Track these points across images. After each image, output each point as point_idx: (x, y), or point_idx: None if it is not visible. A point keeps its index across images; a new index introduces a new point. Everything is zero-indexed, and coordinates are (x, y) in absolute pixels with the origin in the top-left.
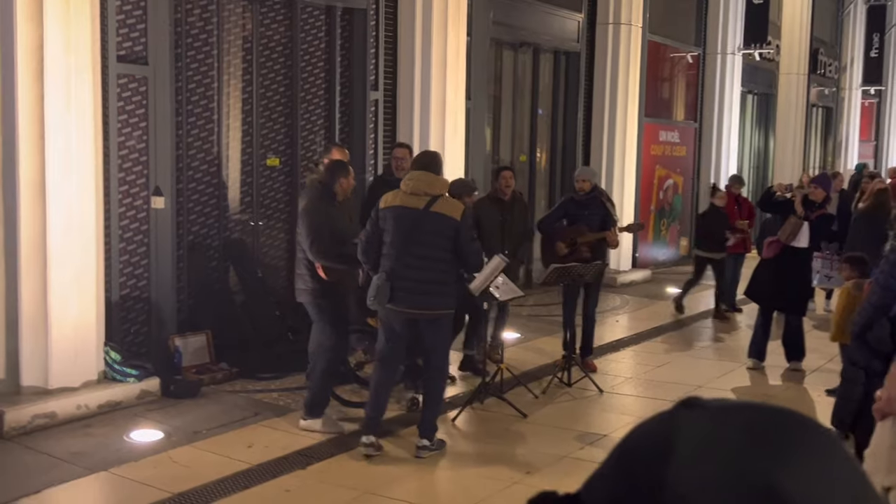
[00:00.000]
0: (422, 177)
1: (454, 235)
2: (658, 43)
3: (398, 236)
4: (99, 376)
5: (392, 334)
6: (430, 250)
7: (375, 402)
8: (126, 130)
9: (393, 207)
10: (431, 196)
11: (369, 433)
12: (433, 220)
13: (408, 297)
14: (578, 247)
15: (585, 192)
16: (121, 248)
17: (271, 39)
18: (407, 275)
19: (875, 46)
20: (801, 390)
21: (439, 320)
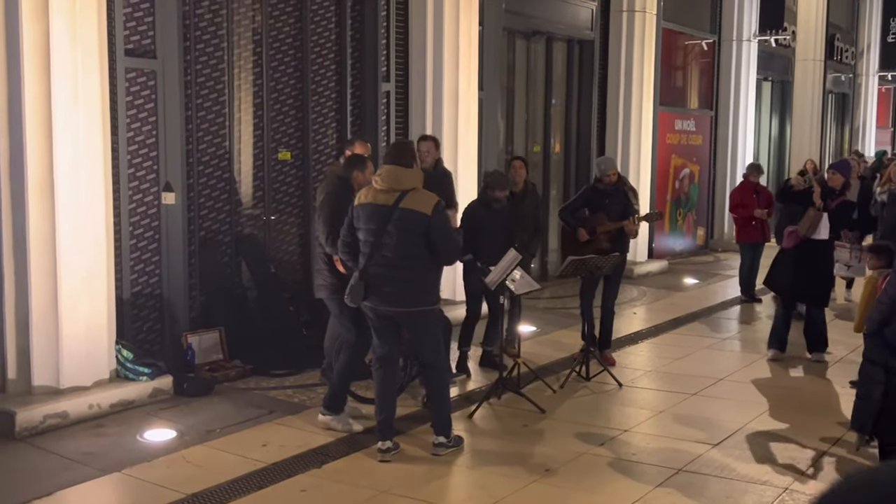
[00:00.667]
0: (391, 171)
1: (425, 231)
2: (672, 30)
3: (369, 234)
4: (111, 375)
5: (379, 333)
6: (401, 247)
7: (382, 404)
8: (135, 125)
9: (364, 205)
10: (401, 191)
11: (384, 438)
12: (403, 217)
13: (382, 295)
14: (598, 236)
15: (612, 183)
16: (132, 245)
17: (281, 31)
18: (379, 272)
19: (892, 31)
20: (824, 382)
21: (420, 318)
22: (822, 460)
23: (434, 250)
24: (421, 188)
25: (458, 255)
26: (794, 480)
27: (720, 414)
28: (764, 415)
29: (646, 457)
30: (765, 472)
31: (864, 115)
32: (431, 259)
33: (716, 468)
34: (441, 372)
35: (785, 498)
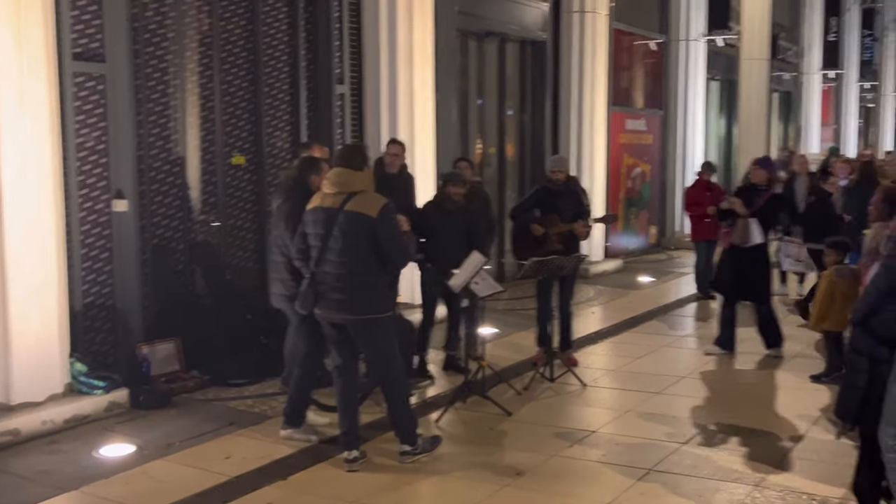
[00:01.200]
0: (339, 174)
1: (371, 234)
2: (623, 31)
3: (316, 239)
4: (64, 389)
5: (333, 340)
6: (348, 251)
7: (344, 414)
8: (84, 131)
9: (313, 209)
10: (348, 193)
11: (349, 447)
12: (348, 220)
13: (331, 302)
14: (550, 237)
15: (561, 182)
16: (83, 255)
17: (232, 34)
18: (327, 279)
19: (833, 30)
20: (784, 377)
21: (370, 325)
22: (790, 454)
23: (382, 254)
24: (370, 191)
25: (408, 259)
26: (764, 475)
27: (685, 411)
28: (729, 411)
29: (615, 457)
30: (735, 468)
31: (807, 112)
32: (380, 264)
33: (686, 466)
34: (394, 380)
35: (756, 494)
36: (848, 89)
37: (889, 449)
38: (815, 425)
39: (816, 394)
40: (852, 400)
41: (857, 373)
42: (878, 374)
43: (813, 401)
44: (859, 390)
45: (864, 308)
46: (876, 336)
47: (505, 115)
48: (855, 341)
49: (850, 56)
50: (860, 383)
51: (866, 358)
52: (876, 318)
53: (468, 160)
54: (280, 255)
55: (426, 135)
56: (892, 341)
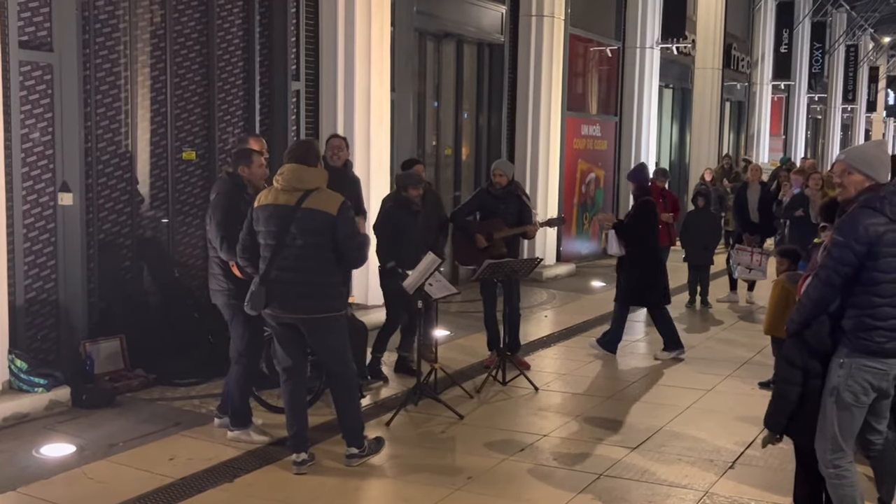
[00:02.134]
0: (294, 171)
1: (331, 232)
2: (579, 36)
3: (269, 237)
4: (3, 387)
5: (283, 342)
6: (304, 250)
7: (293, 416)
8: (30, 122)
9: (265, 206)
10: (304, 191)
11: (297, 450)
12: (306, 217)
13: (284, 301)
14: (495, 241)
15: (502, 186)
16: (26, 248)
17: (186, 26)
18: (282, 277)
19: (784, 42)
20: (733, 384)
21: (323, 324)
22: (741, 459)
23: (339, 253)
24: (325, 188)
25: (365, 257)
26: (714, 481)
27: (636, 417)
28: (679, 417)
29: (566, 462)
30: (685, 474)
31: (758, 122)
32: (336, 262)
33: (636, 472)
34: (347, 380)
35: (706, 500)
36: (798, 100)
37: (827, 464)
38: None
39: (764, 400)
40: (781, 411)
41: (790, 385)
42: (811, 389)
43: (761, 407)
44: (791, 403)
45: (798, 319)
46: (809, 348)
47: (461, 117)
48: (789, 353)
49: (800, 68)
50: (792, 396)
51: (800, 371)
52: (809, 329)
53: (421, 162)
54: (212, 251)
55: (382, 133)
56: (826, 354)
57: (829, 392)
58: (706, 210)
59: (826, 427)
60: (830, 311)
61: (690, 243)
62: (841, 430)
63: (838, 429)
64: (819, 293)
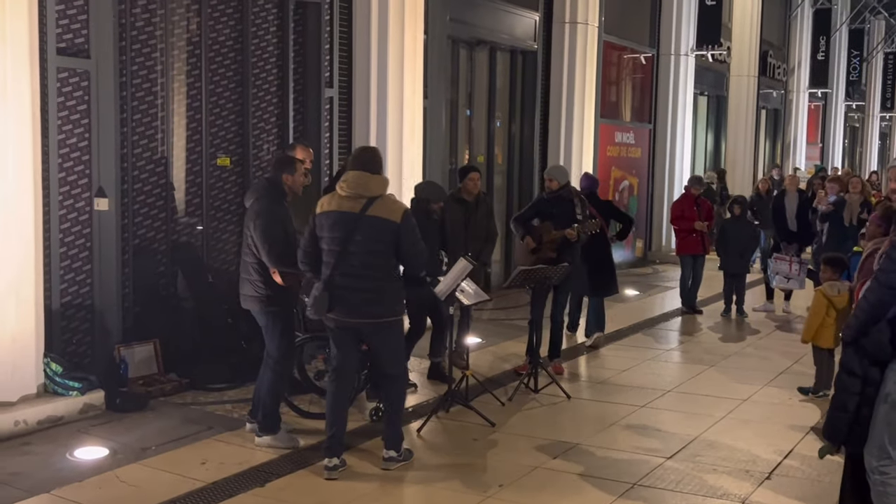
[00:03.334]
0: (358, 178)
1: (394, 239)
2: (613, 44)
3: (334, 243)
4: (39, 390)
5: (340, 344)
6: (368, 256)
7: (334, 418)
8: (67, 127)
9: (328, 213)
10: (368, 198)
11: (332, 455)
12: (371, 225)
13: (347, 306)
14: (543, 245)
15: (553, 191)
16: (62, 253)
17: (221, 33)
18: (345, 283)
19: (821, 50)
20: (772, 392)
21: (385, 328)
22: (778, 469)
23: (402, 259)
24: (388, 195)
25: (424, 264)
26: (751, 492)
27: (671, 425)
28: (715, 425)
29: (599, 470)
30: (720, 484)
31: (794, 130)
32: (396, 268)
33: (671, 481)
34: (402, 383)
35: None
36: (835, 108)
37: (874, 470)
38: (803, 441)
39: (804, 409)
40: (841, 422)
41: (848, 395)
42: (867, 396)
43: (800, 416)
44: (850, 413)
45: (856, 325)
46: (868, 356)
47: (494, 124)
48: (847, 362)
49: (837, 75)
50: (850, 406)
51: (859, 380)
52: (867, 337)
53: (478, 170)
54: (250, 256)
55: (414, 141)
56: (884, 362)
57: (882, 398)
58: (742, 218)
59: (875, 433)
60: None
61: (726, 251)
62: (890, 436)
63: (888, 436)
64: (877, 296)
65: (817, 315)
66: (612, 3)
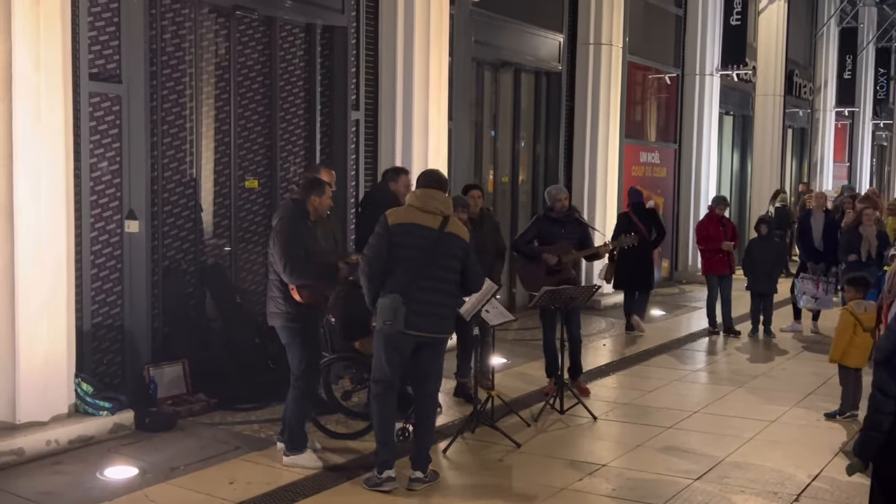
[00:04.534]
0: (437, 195)
1: (464, 257)
2: (638, 64)
3: (416, 256)
4: (70, 410)
5: (395, 359)
6: (444, 272)
7: (386, 430)
8: (99, 151)
9: (408, 224)
10: (445, 216)
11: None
12: (449, 241)
13: (421, 320)
14: (565, 265)
15: (566, 210)
16: (93, 275)
17: (249, 57)
18: (421, 297)
19: (848, 68)
20: (799, 413)
21: (442, 344)
22: (807, 491)
23: (467, 276)
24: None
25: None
26: None
27: (698, 447)
28: (742, 447)
29: (627, 492)
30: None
31: (821, 149)
32: (459, 286)
33: (699, 502)
34: (436, 404)
35: None
36: (863, 127)
37: None
38: (831, 463)
39: (832, 431)
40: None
41: (882, 415)
42: None
43: (828, 438)
44: (883, 434)
45: (887, 346)
46: None
47: (518, 145)
48: (880, 382)
49: (864, 94)
50: (884, 426)
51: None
52: None
53: (479, 188)
54: (273, 273)
55: (440, 162)
56: None
57: None
58: (769, 237)
59: None
60: None
61: (753, 271)
62: None
63: None
64: None
65: (845, 334)
66: (637, 24)
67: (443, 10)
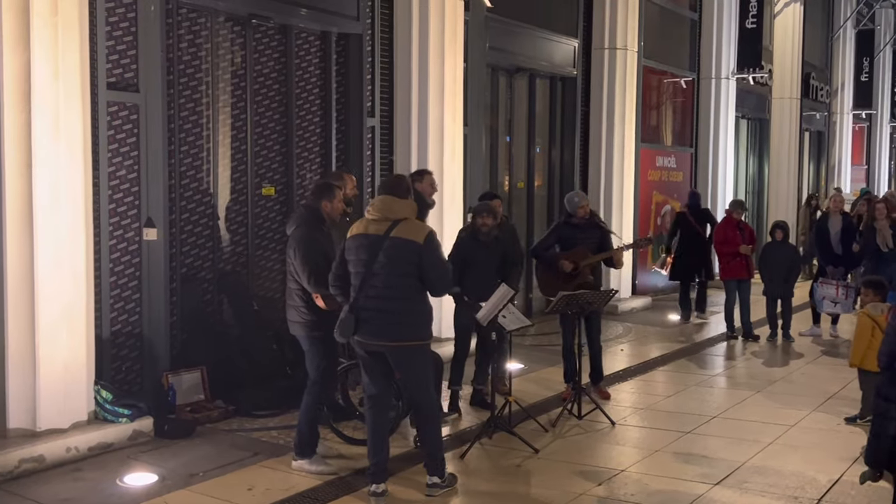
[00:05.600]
0: (384, 201)
1: (417, 260)
2: (653, 68)
3: (359, 265)
4: (89, 417)
5: (369, 371)
6: (392, 278)
7: (375, 446)
8: (117, 160)
9: (356, 236)
10: (393, 220)
11: (377, 481)
12: (394, 246)
13: (372, 328)
14: (582, 270)
15: (587, 217)
16: (112, 282)
17: (265, 66)
18: (370, 305)
19: (865, 70)
20: (819, 418)
21: (408, 352)
22: (827, 496)
23: (424, 280)
24: (413, 218)
25: (450, 286)
26: None
27: (718, 452)
28: (762, 452)
29: (646, 497)
30: None
31: (839, 152)
32: (421, 291)
33: None
34: (429, 409)
35: None
36: (880, 129)
37: None
38: (851, 467)
39: (852, 435)
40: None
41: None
42: None
43: (849, 442)
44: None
45: (886, 351)
46: None
47: (534, 150)
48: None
49: (882, 96)
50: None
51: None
52: None
53: (499, 197)
54: (293, 283)
55: (455, 168)
56: None
57: None
58: (785, 242)
59: None
60: None
61: (769, 276)
62: None
63: None
64: None
65: (863, 337)
66: (652, 28)
67: (457, 17)
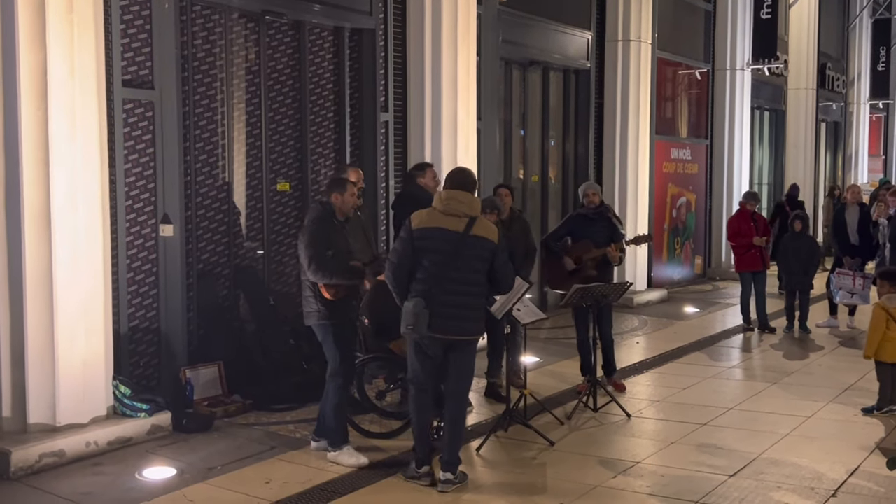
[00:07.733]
0: (460, 197)
1: (491, 258)
2: (667, 60)
3: (438, 259)
4: (108, 412)
5: (425, 361)
6: (469, 274)
7: (421, 431)
8: (133, 157)
9: (430, 228)
10: (470, 217)
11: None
12: (473, 244)
13: (446, 323)
14: (585, 263)
15: (595, 206)
16: (129, 278)
17: (279, 62)
18: (446, 300)
19: (882, 60)
20: (835, 409)
21: (471, 345)
22: (844, 487)
23: (496, 277)
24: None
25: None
26: None
27: (732, 443)
28: (778, 444)
29: (661, 489)
30: (786, 501)
31: (856, 142)
32: (487, 287)
33: (735, 499)
34: (466, 401)
35: None
36: None
37: None
38: (868, 458)
39: (870, 426)
40: None
41: None
42: None
43: (866, 433)
44: None
45: None
46: None
47: (548, 144)
48: None
49: None
50: None
51: None
52: None
53: (509, 187)
54: (303, 273)
55: (468, 161)
56: None
57: None
58: (803, 234)
59: None
60: None
61: (788, 268)
62: None
63: None
64: None
65: (878, 329)
66: (666, 20)
67: (470, 10)
